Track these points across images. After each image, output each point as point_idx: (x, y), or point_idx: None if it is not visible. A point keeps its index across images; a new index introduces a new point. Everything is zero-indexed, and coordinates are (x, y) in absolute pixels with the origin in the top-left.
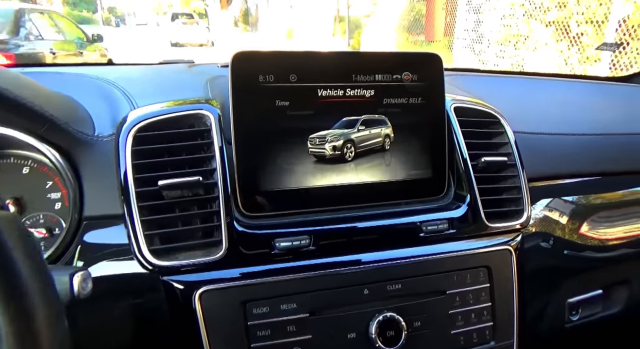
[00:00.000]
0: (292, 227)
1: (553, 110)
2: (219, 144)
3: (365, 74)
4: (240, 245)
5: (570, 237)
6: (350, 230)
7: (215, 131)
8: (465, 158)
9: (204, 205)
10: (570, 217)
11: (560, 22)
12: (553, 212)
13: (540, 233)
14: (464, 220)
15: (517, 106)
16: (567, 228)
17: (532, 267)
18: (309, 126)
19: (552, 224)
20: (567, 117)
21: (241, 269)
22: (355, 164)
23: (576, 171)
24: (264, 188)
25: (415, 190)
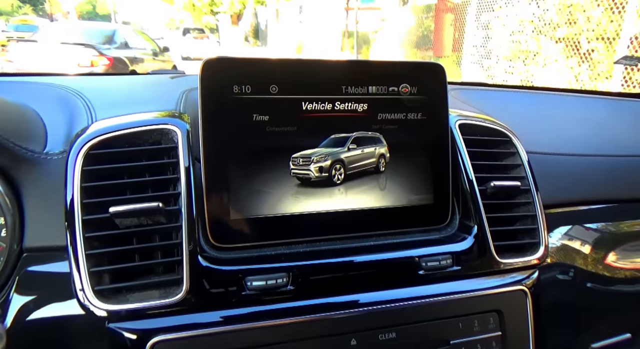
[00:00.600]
0: (267, 262)
1: (569, 128)
2: (186, 164)
3: (357, 86)
4: (205, 284)
5: (594, 270)
6: (335, 266)
7: (182, 148)
8: (472, 182)
9: (166, 235)
10: (592, 247)
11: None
12: (573, 241)
13: (558, 266)
14: (471, 254)
15: (530, 123)
16: (590, 259)
17: (550, 307)
18: (292, 144)
19: (572, 256)
20: (585, 137)
21: (205, 313)
22: (345, 188)
23: (597, 196)
24: (236, 215)
25: (414, 218)
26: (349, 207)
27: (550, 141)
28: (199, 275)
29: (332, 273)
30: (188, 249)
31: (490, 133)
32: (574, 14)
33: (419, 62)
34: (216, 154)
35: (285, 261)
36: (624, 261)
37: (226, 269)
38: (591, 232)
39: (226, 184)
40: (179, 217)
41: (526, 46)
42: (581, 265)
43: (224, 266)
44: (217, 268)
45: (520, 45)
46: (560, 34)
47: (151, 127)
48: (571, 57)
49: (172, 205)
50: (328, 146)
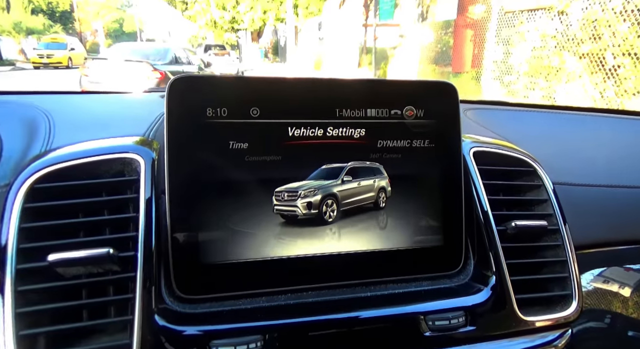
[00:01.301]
0: (240, 319)
1: (598, 155)
2: (148, 201)
3: (353, 109)
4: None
5: (635, 316)
6: (319, 324)
7: (144, 181)
8: (490, 221)
9: (121, 287)
10: (633, 290)
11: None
12: (608, 283)
13: (590, 316)
14: (487, 311)
15: (555, 149)
16: (630, 303)
17: None
18: (276, 176)
19: (608, 300)
20: (616, 165)
21: None
22: (338, 228)
23: (634, 236)
24: (207, 260)
25: (419, 263)
26: (342, 250)
27: (579, 169)
28: (154, 338)
29: (316, 332)
30: (141, 305)
31: (511, 163)
32: (598, 29)
33: (426, 81)
34: (184, 188)
35: (262, 319)
36: None
37: (188, 330)
38: (630, 273)
39: (195, 223)
40: (134, 266)
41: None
42: (620, 310)
43: (185, 326)
44: (176, 328)
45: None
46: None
47: (109, 156)
48: (596, 72)
49: (130, 249)
50: (318, 178)
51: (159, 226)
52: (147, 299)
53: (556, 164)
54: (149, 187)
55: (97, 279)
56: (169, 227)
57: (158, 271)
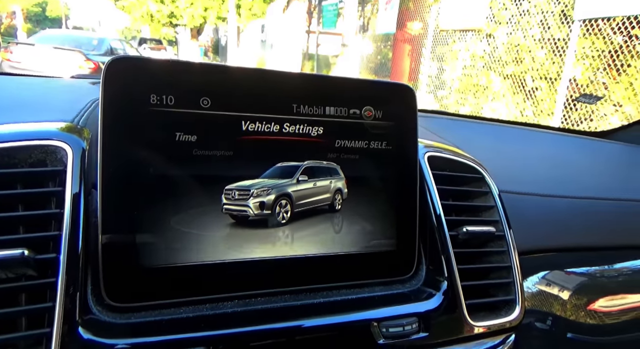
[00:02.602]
0: (180, 330)
1: (536, 165)
2: (75, 196)
3: (311, 105)
4: None
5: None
6: (269, 334)
7: (71, 173)
8: (443, 226)
9: (38, 295)
10: (572, 293)
11: (517, 76)
12: (550, 286)
13: (532, 317)
14: (440, 316)
15: (498, 158)
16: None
17: None
18: (226, 172)
19: (546, 305)
20: (552, 176)
21: None
22: (291, 230)
23: (573, 243)
24: (144, 264)
25: (373, 268)
26: (295, 254)
27: (520, 179)
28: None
29: (265, 341)
30: (62, 315)
31: (462, 169)
32: (520, 53)
33: (386, 83)
34: (120, 182)
35: (205, 329)
36: (607, 309)
37: (119, 343)
38: (571, 277)
39: (132, 221)
40: (54, 271)
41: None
42: (560, 313)
43: (116, 339)
44: (105, 341)
45: (471, 78)
46: (508, 71)
47: (28, 142)
48: (517, 93)
49: (51, 251)
50: (272, 176)
51: (87, 224)
52: (69, 308)
53: (499, 172)
54: (76, 180)
55: (7, 286)
56: (100, 225)
57: (84, 276)
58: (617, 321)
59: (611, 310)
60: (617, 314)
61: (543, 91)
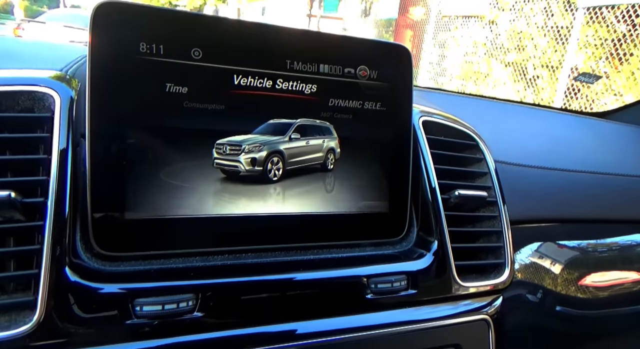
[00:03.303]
0: (169, 278)
1: (530, 140)
2: (63, 141)
3: (305, 62)
4: (73, 308)
5: (564, 292)
6: (259, 286)
7: (58, 119)
8: (435, 190)
9: (25, 238)
10: (563, 267)
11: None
12: (542, 259)
13: (520, 290)
14: (428, 276)
15: (495, 131)
16: (553, 282)
17: (514, 335)
18: (217, 127)
19: (540, 275)
20: (545, 150)
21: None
22: (283, 188)
23: (565, 215)
24: (133, 214)
25: (364, 229)
26: (285, 212)
27: (515, 151)
28: (64, 296)
29: (255, 294)
30: (50, 257)
31: (456, 135)
32: (522, 41)
33: (382, 42)
34: (109, 132)
35: (194, 278)
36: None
37: (106, 288)
38: (563, 250)
39: (121, 171)
40: (42, 214)
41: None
42: (550, 286)
43: (103, 283)
44: (92, 285)
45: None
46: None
47: (15, 87)
48: (518, 81)
49: (37, 196)
50: (264, 133)
51: (75, 172)
52: (57, 251)
53: (494, 144)
54: (64, 127)
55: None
56: (89, 174)
57: (73, 223)
58: (606, 295)
59: (601, 285)
60: (606, 288)
61: (544, 79)
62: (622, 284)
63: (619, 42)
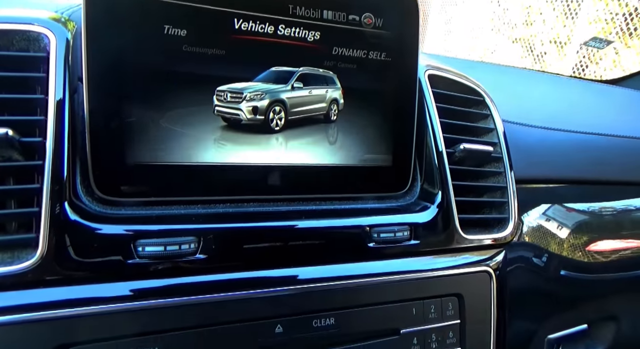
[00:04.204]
0: (171, 222)
1: (543, 103)
2: (60, 81)
3: (308, 7)
4: (74, 247)
5: (562, 256)
6: (262, 232)
7: (54, 59)
8: (439, 143)
9: (25, 178)
10: (569, 230)
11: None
12: (548, 222)
13: (524, 249)
14: (431, 227)
15: (504, 93)
16: (558, 245)
17: (515, 294)
18: (218, 72)
19: (540, 238)
20: (557, 113)
21: (69, 288)
22: (285, 138)
23: (572, 176)
24: (133, 159)
25: (367, 182)
26: (287, 162)
27: (524, 112)
28: (65, 234)
29: (257, 240)
30: (50, 196)
31: (463, 90)
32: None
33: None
34: (107, 74)
35: (194, 222)
36: (588, 250)
37: (108, 229)
38: (568, 213)
39: (120, 115)
40: (41, 154)
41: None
42: (546, 252)
43: (104, 224)
44: (93, 225)
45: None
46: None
47: (9, 26)
48: (525, 57)
49: (36, 136)
50: (266, 80)
51: (73, 115)
52: (57, 191)
53: (502, 104)
54: (60, 67)
55: None
56: (87, 117)
57: (73, 166)
58: (609, 258)
59: (607, 249)
60: (612, 252)
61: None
62: (628, 248)
63: (630, 16)
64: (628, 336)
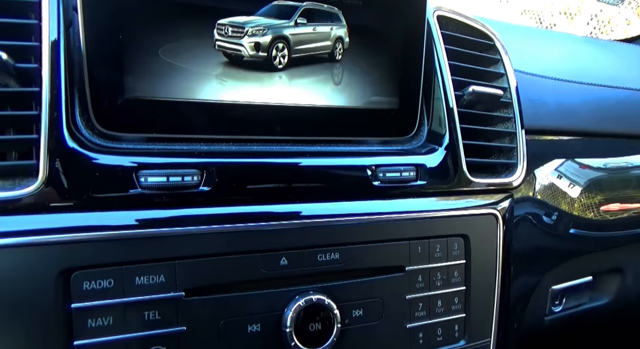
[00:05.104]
0: (171, 156)
1: (557, 57)
2: (55, 9)
3: None
4: (75, 175)
5: (569, 209)
6: (263, 168)
7: None
8: (447, 85)
9: (22, 106)
10: (570, 184)
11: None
12: (549, 174)
13: (531, 199)
14: (438, 169)
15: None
16: (566, 196)
17: (519, 241)
18: (218, 4)
19: (547, 189)
20: (576, 67)
21: (69, 214)
22: (289, 76)
23: (584, 128)
24: (133, 93)
25: (373, 125)
26: (291, 102)
27: (537, 63)
28: (65, 162)
29: (260, 175)
30: (49, 123)
31: (473, 33)
32: None
33: None
34: (104, 4)
35: (199, 157)
36: (594, 203)
37: (110, 159)
38: (585, 171)
39: (116, 46)
40: (37, 80)
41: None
42: (555, 203)
43: (106, 155)
44: (93, 155)
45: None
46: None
47: None
48: None
49: (25, 60)
50: (268, 15)
51: (68, 45)
52: (55, 118)
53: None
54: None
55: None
56: (84, 47)
57: (71, 97)
58: (620, 217)
59: (617, 207)
60: (622, 211)
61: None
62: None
63: None
64: (631, 287)
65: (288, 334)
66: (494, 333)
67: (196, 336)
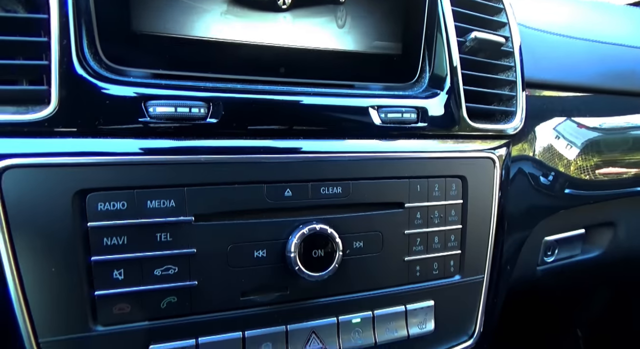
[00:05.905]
0: (179, 89)
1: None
2: None
3: None
4: (86, 102)
5: (566, 162)
6: (268, 104)
7: None
8: (450, 31)
9: (29, 31)
10: (569, 139)
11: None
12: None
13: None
14: (439, 112)
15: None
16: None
17: (515, 190)
18: None
19: (545, 143)
20: (581, 25)
21: (82, 139)
22: (293, 17)
23: (582, 83)
24: (140, 28)
25: (376, 70)
26: (294, 44)
27: (540, 19)
28: (76, 89)
29: (266, 110)
30: (59, 49)
31: None
32: None
33: None
34: None
35: (205, 91)
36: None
37: (118, 89)
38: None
39: None
40: (48, 10)
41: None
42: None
43: (115, 85)
44: (103, 85)
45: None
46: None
47: None
48: None
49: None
50: None
51: None
52: (65, 45)
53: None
54: None
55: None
56: None
57: (79, 29)
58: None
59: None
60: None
61: None
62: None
63: None
64: (622, 240)
65: (292, 259)
66: (488, 271)
67: (206, 259)
